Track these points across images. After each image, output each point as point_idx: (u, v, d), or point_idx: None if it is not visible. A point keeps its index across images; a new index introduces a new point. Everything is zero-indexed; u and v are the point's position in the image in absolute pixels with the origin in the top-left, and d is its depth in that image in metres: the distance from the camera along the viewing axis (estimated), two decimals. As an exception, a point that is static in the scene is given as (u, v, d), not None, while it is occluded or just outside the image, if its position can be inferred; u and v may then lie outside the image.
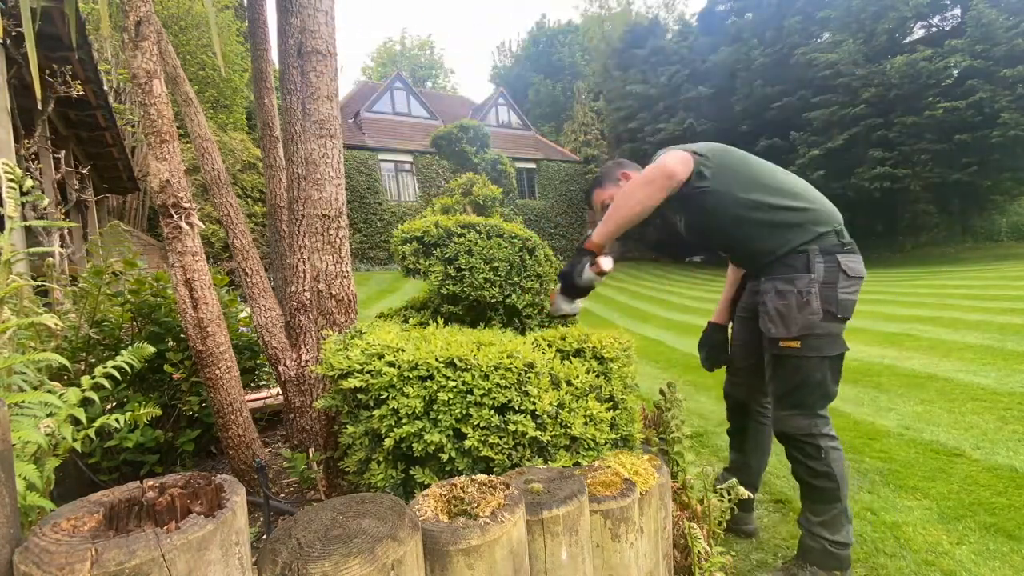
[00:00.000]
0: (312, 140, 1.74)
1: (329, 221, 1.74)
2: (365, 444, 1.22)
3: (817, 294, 1.38)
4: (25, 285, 1.34)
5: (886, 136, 15.23)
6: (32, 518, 0.91)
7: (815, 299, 1.38)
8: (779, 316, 1.41)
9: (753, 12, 19.03)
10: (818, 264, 1.40)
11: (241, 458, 1.88)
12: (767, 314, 1.44)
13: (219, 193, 2.16)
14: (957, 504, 1.91)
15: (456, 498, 0.95)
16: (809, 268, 1.40)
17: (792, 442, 1.47)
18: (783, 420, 1.47)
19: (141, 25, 1.56)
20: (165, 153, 1.63)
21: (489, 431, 1.17)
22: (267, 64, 2.58)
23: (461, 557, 0.82)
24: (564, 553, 0.96)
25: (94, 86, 5.24)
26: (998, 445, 2.36)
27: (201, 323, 1.72)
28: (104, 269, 2.09)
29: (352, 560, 0.69)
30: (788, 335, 1.41)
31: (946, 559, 1.60)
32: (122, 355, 1.32)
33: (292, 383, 2.13)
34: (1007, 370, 3.43)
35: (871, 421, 2.81)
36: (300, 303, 2.21)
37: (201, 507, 0.67)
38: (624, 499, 1.08)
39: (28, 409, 1.02)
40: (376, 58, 43.36)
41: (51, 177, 5.44)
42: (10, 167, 1.29)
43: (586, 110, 24.16)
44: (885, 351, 4.32)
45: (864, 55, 15.53)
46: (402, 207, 18.11)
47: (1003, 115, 13.13)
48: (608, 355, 1.49)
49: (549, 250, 1.89)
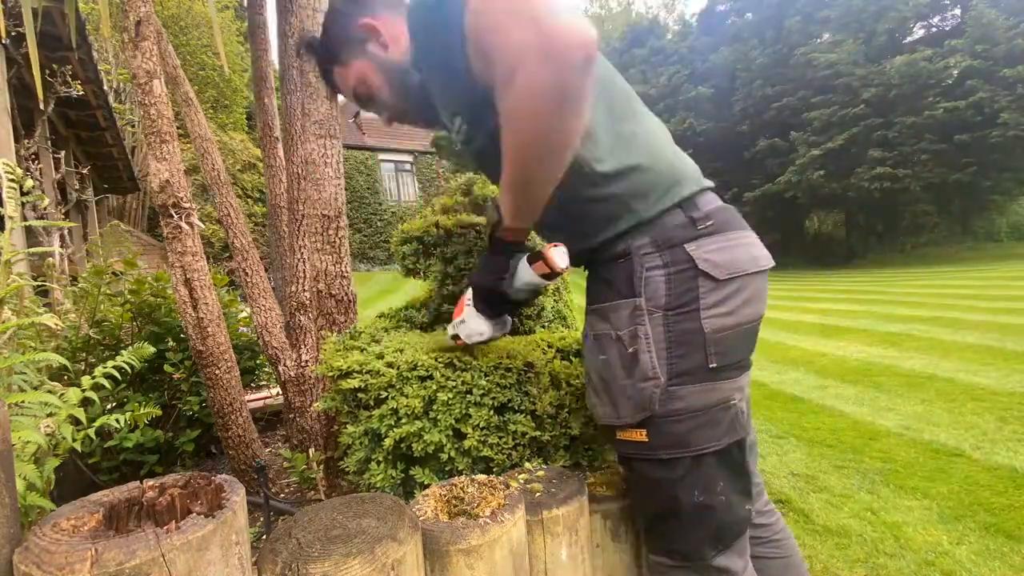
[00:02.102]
0: (312, 140, 1.74)
1: (329, 221, 1.74)
2: (365, 444, 1.22)
3: (650, 338, 0.77)
4: (25, 285, 1.34)
5: (886, 136, 15.24)
6: (32, 518, 0.91)
7: (645, 350, 0.77)
8: (602, 386, 0.84)
9: (753, 12, 19.04)
10: (650, 274, 0.78)
11: (241, 458, 1.88)
12: (588, 382, 0.90)
13: (219, 193, 2.16)
14: (957, 504, 1.91)
15: (456, 498, 0.95)
16: (632, 285, 0.79)
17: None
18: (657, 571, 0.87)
19: (141, 25, 1.56)
20: (165, 153, 1.63)
21: (489, 431, 1.17)
22: (267, 64, 2.58)
23: (461, 557, 0.82)
24: (564, 553, 0.96)
25: (94, 86, 5.24)
26: (998, 445, 2.36)
27: (201, 323, 1.73)
28: (104, 269, 2.09)
29: (352, 560, 0.69)
30: (619, 421, 0.82)
31: (946, 559, 1.60)
32: (122, 355, 1.32)
33: (292, 383, 2.13)
34: (1007, 370, 3.43)
35: (871, 421, 2.81)
36: (300, 303, 2.21)
37: (201, 507, 0.67)
38: (624, 499, 1.08)
39: (28, 409, 1.02)
40: (376, 58, 43.35)
41: (51, 177, 5.44)
42: (10, 167, 1.29)
43: (586, 110, 24.14)
44: (885, 351, 4.32)
45: (864, 55, 15.54)
46: (402, 207, 18.12)
47: (1003, 115, 13.14)
48: (608, 355, 1.48)
49: (549, 250, 1.89)
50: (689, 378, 0.77)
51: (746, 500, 0.82)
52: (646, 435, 0.79)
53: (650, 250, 0.79)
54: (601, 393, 0.85)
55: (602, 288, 0.85)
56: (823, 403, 3.20)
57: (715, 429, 0.78)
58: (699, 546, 0.80)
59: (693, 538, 0.80)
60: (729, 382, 0.79)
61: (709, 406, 0.77)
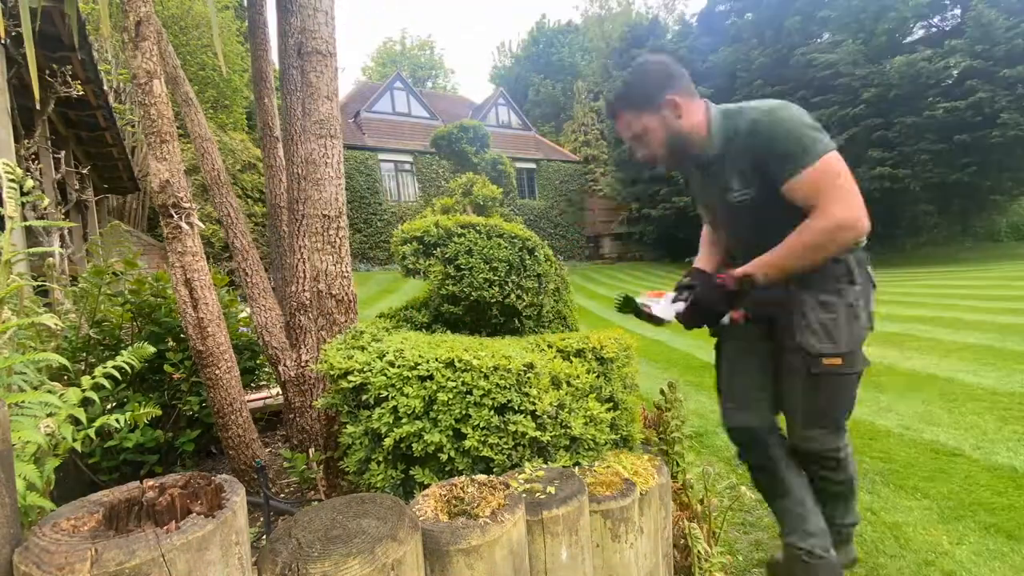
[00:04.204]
0: (312, 140, 1.74)
1: (329, 221, 1.74)
2: (365, 444, 1.22)
3: (864, 307, 1.30)
4: (25, 285, 1.34)
5: (886, 136, 15.23)
6: (32, 518, 0.91)
7: (863, 312, 1.29)
8: (824, 331, 1.27)
9: (753, 12, 19.01)
10: (860, 272, 1.30)
11: (241, 458, 1.88)
12: (808, 328, 1.28)
13: (219, 193, 2.16)
14: (957, 504, 1.91)
15: (456, 498, 0.95)
16: (852, 279, 1.29)
17: (815, 458, 1.39)
18: (810, 440, 1.36)
19: (141, 25, 1.56)
20: (165, 153, 1.63)
21: (489, 431, 1.17)
22: (267, 64, 2.58)
23: (461, 557, 0.82)
24: (564, 553, 0.96)
25: (94, 86, 5.24)
26: (998, 445, 2.36)
27: (201, 323, 1.73)
28: (104, 269, 2.09)
29: (352, 560, 0.69)
30: (835, 351, 1.26)
31: (946, 559, 1.60)
32: (122, 355, 1.32)
33: (292, 383, 2.13)
34: (1007, 370, 3.43)
35: (871, 421, 2.81)
36: (300, 303, 2.21)
37: (201, 507, 0.67)
38: (624, 499, 1.08)
39: (28, 409, 1.02)
40: (376, 58, 43.33)
41: (51, 177, 5.44)
42: (10, 167, 1.29)
43: (586, 110, 24.15)
44: (885, 351, 4.32)
45: (864, 55, 15.52)
46: (402, 207, 18.11)
47: (1003, 115, 13.12)
48: (608, 355, 1.48)
49: (549, 250, 1.89)
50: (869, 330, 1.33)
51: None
52: (842, 360, 1.27)
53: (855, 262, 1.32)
54: (822, 335, 1.28)
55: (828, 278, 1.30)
56: (823, 403, 3.19)
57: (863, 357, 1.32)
58: (843, 417, 1.36)
59: (843, 415, 1.35)
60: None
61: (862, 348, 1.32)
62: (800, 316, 1.29)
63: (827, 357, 1.26)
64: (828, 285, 1.29)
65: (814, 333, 1.27)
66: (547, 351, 1.45)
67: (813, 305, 1.28)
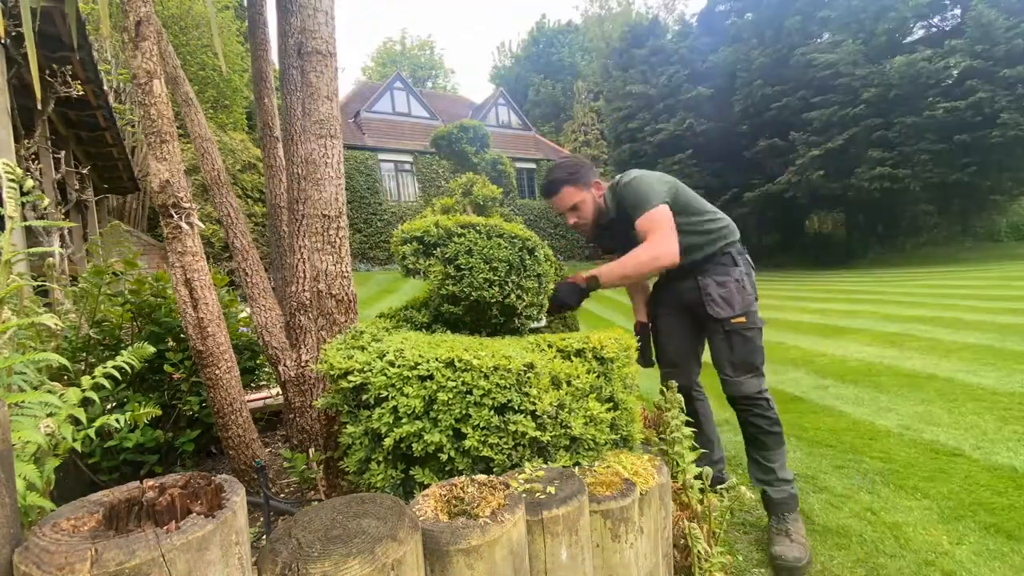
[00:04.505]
0: (312, 140, 1.74)
1: (329, 221, 1.74)
2: (365, 444, 1.22)
3: (748, 281, 1.81)
4: (25, 285, 1.34)
5: (886, 136, 15.22)
6: (32, 518, 0.91)
7: (748, 284, 1.80)
8: (724, 300, 1.78)
9: (753, 12, 19.00)
10: (740, 259, 1.83)
11: (241, 458, 1.88)
12: (713, 301, 1.78)
13: (219, 193, 2.16)
14: (957, 504, 1.91)
15: (456, 498, 0.95)
16: (736, 263, 1.82)
17: (749, 401, 1.78)
18: (741, 384, 1.77)
19: (141, 25, 1.56)
20: (165, 153, 1.63)
21: (489, 431, 1.17)
22: (267, 64, 2.58)
23: (461, 557, 0.82)
24: (564, 553, 0.96)
25: (94, 86, 5.24)
26: (998, 445, 2.36)
27: (201, 323, 1.72)
28: (104, 269, 2.09)
29: (352, 560, 0.69)
30: (735, 313, 1.76)
31: (946, 559, 1.60)
32: (122, 355, 1.32)
33: (292, 383, 2.13)
34: (1007, 370, 3.43)
35: (871, 421, 2.81)
36: (300, 303, 2.21)
37: (201, 507, 0.67)
38: (624, 499, 1.08)
39: (28, 409, 1.02)
40: (376, 58, 43.32)
41: (51, 177, 5.44)
42: (10, 167, 1.29)
43: (586, 110, 24.17)
44: (885, 351, 4.32)
45: (864, 55, 15.52)
46: (402, 207, 18.11)
47: (1003, 115, 13.12)
48: (608, 355, 1.48)
49: (549, 250, 1.89)
50: (754, 297, 1.82)
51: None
52: (745, 319, 1.76)
53: (736, 252, 1.86)
54: (723, 304, 1.77)
55: (718, 265, 1.83)
56: (823, 403, 3.20)
57: (759, 317, 1.80)
58: (760, 363, 1.79)
59: (759, 361, 1.78)
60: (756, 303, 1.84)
61: (756, 310, 1.81)
62: (707, 295, 1.79)
63: (734, 318, 1.75)
64: (719, 270, 1.81)
65: (718, 304, 1.77)
66: (547, 351, 1.45)
67: (713, 286, 1.79)
